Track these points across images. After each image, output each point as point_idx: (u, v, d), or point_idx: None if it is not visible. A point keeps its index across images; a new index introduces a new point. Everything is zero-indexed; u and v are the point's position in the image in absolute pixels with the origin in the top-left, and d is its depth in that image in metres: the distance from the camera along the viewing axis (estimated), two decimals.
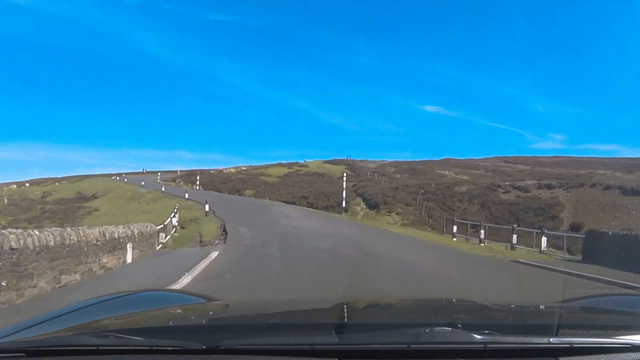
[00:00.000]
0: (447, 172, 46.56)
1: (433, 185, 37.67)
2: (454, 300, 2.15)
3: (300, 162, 53.67)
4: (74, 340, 1.20)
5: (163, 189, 39.21)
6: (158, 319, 1.51)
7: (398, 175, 46.72)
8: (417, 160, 54.25)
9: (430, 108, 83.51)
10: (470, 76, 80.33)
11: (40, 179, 59.52)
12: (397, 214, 33.12)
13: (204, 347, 1.12)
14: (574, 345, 1.17)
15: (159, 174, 55.95)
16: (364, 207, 35.25)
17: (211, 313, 1.73)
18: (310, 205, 34.93)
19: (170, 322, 1.49)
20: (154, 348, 1.13)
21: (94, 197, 44.76)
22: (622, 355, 1.18)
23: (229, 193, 42.73)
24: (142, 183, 48.83)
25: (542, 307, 2.06)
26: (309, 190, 40.56)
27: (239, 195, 42.15)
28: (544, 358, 1.17)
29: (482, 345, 1.14)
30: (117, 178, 57.36)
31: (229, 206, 25.94)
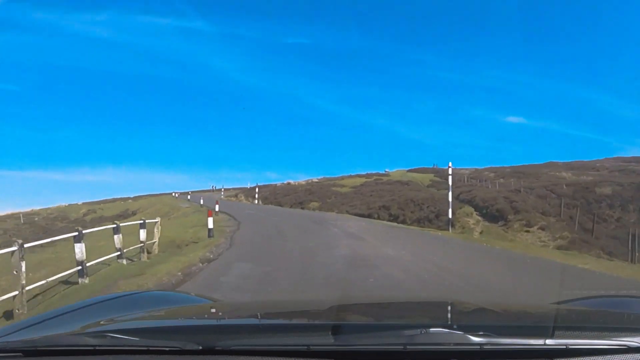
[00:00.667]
0: (564, 174, 38.30)
1: (564, 186, 29.02)
2: (450, 301, 2.03)
3: (381, 172, 49.20)
4: (71, 340, 1.22)
5: (202, 202, 34.69)
6: (155, 320, 1.52)
7: (501, 180, 38.65)
8: (517, 165, 47.43)
9: (512, 119, 77.12)
10: (552, 84, 73.37)
11: (114, 198, 59.83)
12: (540, 228, 22.65)
13: (201, 347, 1.13)
14: (570, 347, 1.17)
15: (222, 190, 54.51)
16: (479, 218, 25.82)
17: (208, 314, 1.75)
18: (394, 219, 26.82)
19: (167, 323, 1.49)
20: (150, 348, 1.15)
21: (133, 213, 40.57)
22: (618, 356, 1.17)
23: (291, 206, 36.08)
24: (188, 197, 47.49)
25: (538, 308, 2.07)
26: (391, 199, 31.44)
27: (301, 208, 35.12)
28: (540, 359, 1.14)
29: (478, 347, 1.13)
30: (176, 195, 56.53)
31: (269, 222, 19.53)
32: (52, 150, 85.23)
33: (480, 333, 1.16)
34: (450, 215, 19.61)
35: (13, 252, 6.38)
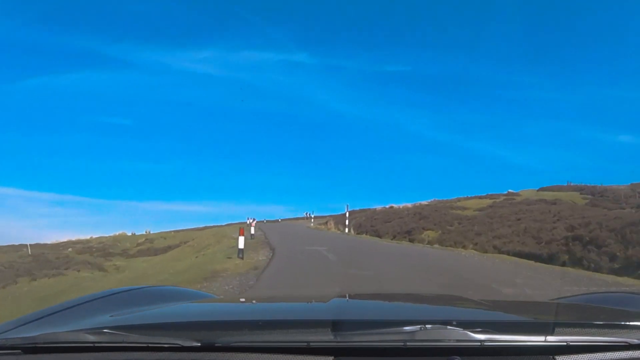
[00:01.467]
0: None
1: None
2: (450, 298, 2.12)
3: (502, 192, 39.65)
4: (70, 337, 1.23)
5: (252, 232, 25.11)
6: (154, 316, 1.52)
7: None
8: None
9: (623, 138, 64.52)
10: None
11: (191, 228, 54.10)
12: None
13: (200, 344, 1.15)
14: (571, 344, 1.18)
15: (312, 217, 50.88)
16: None
17: (207, 310, 1.76)
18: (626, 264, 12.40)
19: (167, 319, 1.49)
20: (150, 345, 1.16)
21: (170, 248, 33.83)
22: (618, 353, 1.20)
23: (393, 237, 25.46)
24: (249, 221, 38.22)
25: (538, 304, 2.12)
26: (578, 224, 16.74)
27: (409, 240, 23.69)
28: (540, 356, 1.18)
29: (479, 343, 1.16)
30: (251, 222, 43.56)
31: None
32: (159, 181, 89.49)
33: (481, 330, 1.17)
34: None
35: None
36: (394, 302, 2.07)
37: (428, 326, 1.17)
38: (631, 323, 1.36)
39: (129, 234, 48.83)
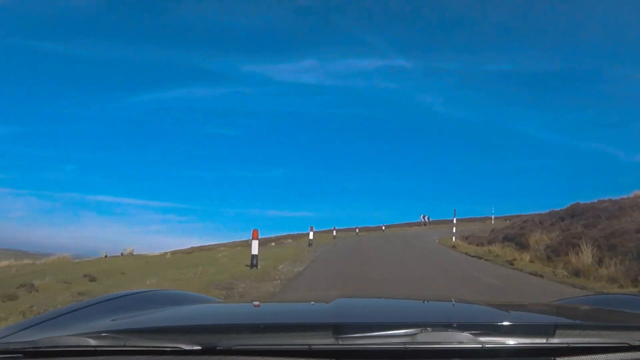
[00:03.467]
0: None
1: None
2: (451, 300, 2.03)
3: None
4: (72, 341, 1.24)
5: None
6: (156, 320, 1.52)
7: None
8: None
9: None
10: None
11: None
12: None
13: (201, 347, 1.15)
14: (572, 345, 1.19)
15: (427, 221, 47.56)
16: None
17: (209, 313, 1.76)
18: None
19: (168, 323, 1.49)
20: (151, 349, 1.17)
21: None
22: (619, 354, 1.21)
23: None
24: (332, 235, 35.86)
25: (540, 306, 2.09)
26: None
27: None
28: (541, 358, 1.19)
29: (480, 346, 1.16)
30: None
31: None
32: (265, 189, 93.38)
33: (482, 332, 1.18)
34: None
35: None
36: (395, 305, 2.07)
37: (429, 328, 1.17)
38: (632, 324, 1.37)
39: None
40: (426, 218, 43.44)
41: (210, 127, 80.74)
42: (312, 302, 1.95)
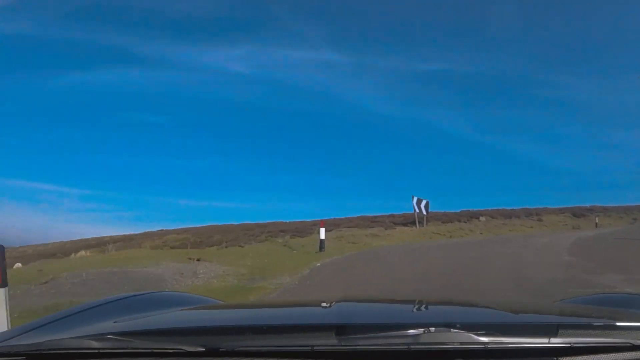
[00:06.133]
0: None
1: None
2: (454, 300, 2.16)
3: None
4: (74, 343, 1.26)
5: None
6: (158, 322, 1.55)
7: None
8: None
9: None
10: None
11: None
12: None
13: (204, 349, 1.17)
14: (574, 345, 1.21)
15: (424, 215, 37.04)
16: None
17: (211, 315, 1.79)
18: None
19: (171, 325, 1.51)
20: (154, 351, 1.19)
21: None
22: (622, 354, 1.22)
23: None
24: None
25: (542, 306, 2.18)
26: None
27: None
28: (544, 358, 1.21)
29: (482, 346, 1.18)
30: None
31: None
32: (192, 178, 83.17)
33: (484, 332, 1.20)
34: None
35: None
36: (398, 306, 2.11)
37: (432, 329, 1.19)
38: (634, 324, 1.39)
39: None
40: (422, 205, 32.03)
41: (137, 112, 77.35)
42: (315, 304, 1.98)
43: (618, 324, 1.45)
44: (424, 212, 33.30)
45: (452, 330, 1.20)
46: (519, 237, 26.63)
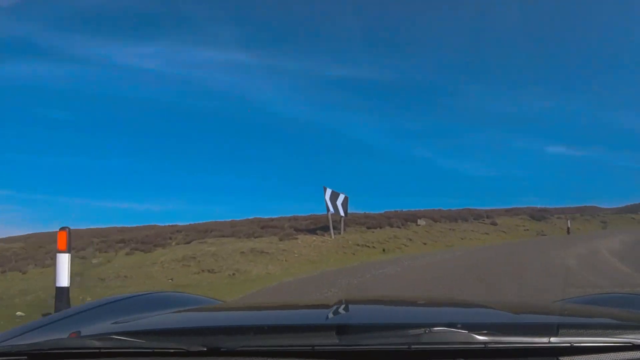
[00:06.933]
0: None
1: None
2: (454, 300, 2.39)
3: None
4: (76, 343, 1.36)
5: None
6: (159, 322, 1.64)
7: None
8: None
9: (557, 149, 75.56)
10: (602, 114, 71.27)
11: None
12: None
13: (206, 348, 1.27)
14: (575, 345, 1.27)
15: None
16: None
17: (212, 315, 1.90)
18: None
19: (172, 324, 1.61)
20: (155, 350, 1.29)
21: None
22: (623, 354, 1.28)
23: None
24: None
25: (542, 306, 2.26)
26: None
27: None
28: (544, 358, 1.28)
29: (483, 345, 1.25)
30: None
31: None
32: (98, 177, 78.12)
33: (485, 332, 1.27)
34: None
35: None
36: (399, 306, 2.19)
37: (433, 329, 1.27)
38: (635, 324, 1.52)
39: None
40: (338, 203, 24.36)
41: (41, 108, 73.15)
42: (315, 304, 2.24)
43: (618, 323, 1.58)
44: (342, 213, 25.22)
45: (452, 329, 1.27)
46: (491, 253, 20.10)
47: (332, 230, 23.47)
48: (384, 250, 21.72)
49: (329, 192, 23.24)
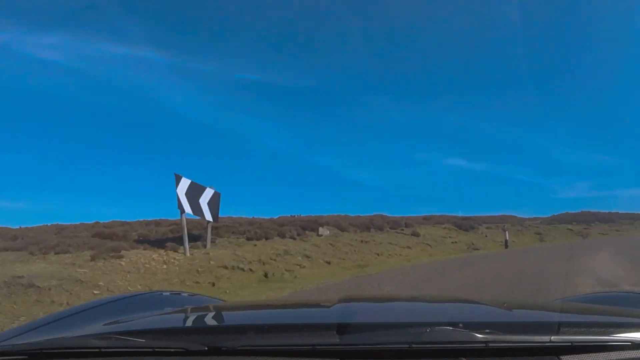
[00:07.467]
0: None
1: None
2: (455, 299, 2.28)
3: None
4: (76, 342, 1.33)
5: None
6: (160, 321, 1.62)
7: None
8: None
9: (455, 161, 71.99)
10: (497, 129, 71.58)
11: None
12: None
13: (206, 348, 1.30)
14: (575, 344, 1.30)
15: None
16: None
17: (213, 314, 1.84)
18: None
19: (172, 324, 1.59)
20: (156, 350, 1.30)
21: None
22: (623, 352, 1.31)
23: None
24: None
25: (543, 305, 2.33)
26: None
27: None
28: (545, 356, 1.30)
29: (484, 344, 1.28)
30: None
31: None
32: None
33: (486, 331, 1.31)
34: None
35: None
36: (399, 305, 2.16)
37: (434, 328, 1.35)
38: (634, 322, 1.60)
39: None
40: (203, 202, 17.53)
41: None
42: (316, 303, 2.17)
43: (619, 322, 1.64)
44: (208, 216, 17.26)
45: (453, 328, 1.35)
46: (430, 286, 13.59)
47: (185, 243, 16.47)
48: (265, 275, 15.43)
49: (185, 183, 16.30)
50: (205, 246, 16.71)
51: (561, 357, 1.24)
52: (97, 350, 1.26)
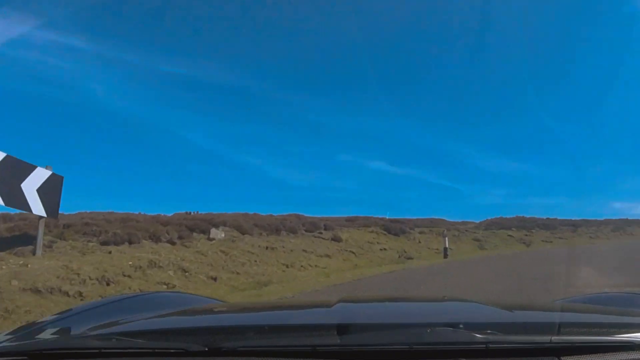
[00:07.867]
0: None
1: None
2: (455, 300, 2.32)
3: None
4: (76, 343, 1.35)
5: None
6: (160, 322, 1.61)
7: None
8: None
9: (379, 165, 60.21)
10: (421, 134, 59.40)
11: None
12: None
13: (206, 348, 1.32)
14: (576, 344, 1.34)
15: None
16: None
17: (213, 314, 1.84)
18: None
19: (172, 324, 1.59)
20: (156, 350, 1.32)
21: None
22: (624, 353, 1.34)
23: None
24: None
25: (543, 305, 2.39)
26: None
27: None
28: (546, 357, 1.33)
29: (484, 345, 1.30)
30: None
31: None
32: None
33: (487, 331, 1.34)
34: None
35: None
36: (400, 306, 2.18)
37: (434, 329, 1.40)
38: (635, 322, 1.65)
39: None
40: (25, 191, 11.20)
41: None
42: (316, 304, 2.22)
43: (619, 322, 1.69)
44: (38, 210, 11.79)
45: (453, 329, 1.40)
46: None
47: None
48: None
49: None
50: (35, 253, 11.39)
51: (562, 357, 1.30)
52: (97, 351, 1.28)
